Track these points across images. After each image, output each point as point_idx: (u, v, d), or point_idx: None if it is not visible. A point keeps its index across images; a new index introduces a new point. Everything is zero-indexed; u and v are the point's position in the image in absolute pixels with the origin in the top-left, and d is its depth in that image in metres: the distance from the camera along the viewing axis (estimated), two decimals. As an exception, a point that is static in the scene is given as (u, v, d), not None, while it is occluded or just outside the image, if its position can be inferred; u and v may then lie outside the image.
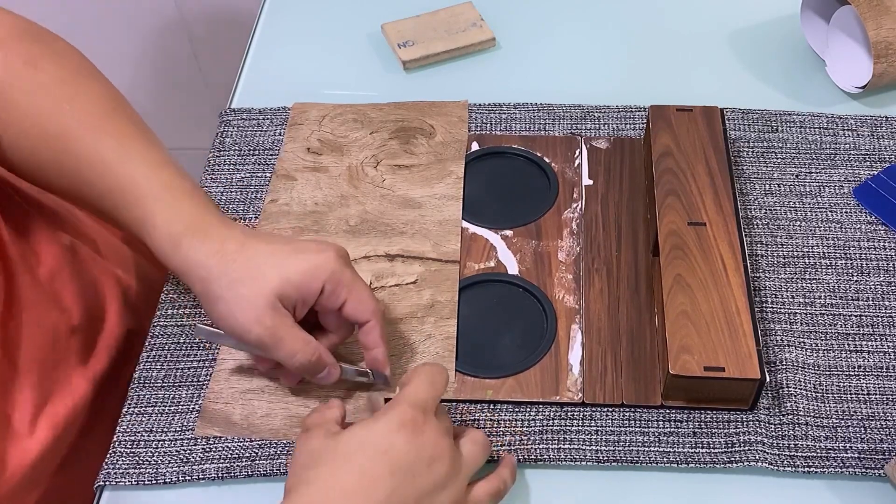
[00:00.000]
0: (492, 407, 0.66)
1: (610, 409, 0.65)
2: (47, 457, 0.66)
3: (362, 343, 0.64)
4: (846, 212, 0.76)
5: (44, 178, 0.67)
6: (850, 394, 0.66)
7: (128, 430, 0.65)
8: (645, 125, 0.82)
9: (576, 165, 0.80)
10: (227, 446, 0.64)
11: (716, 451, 0.63)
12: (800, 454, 0.63)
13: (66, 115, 0.64)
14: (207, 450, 0.64)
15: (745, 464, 0.62)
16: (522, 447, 0.63)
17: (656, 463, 0.63)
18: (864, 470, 0.62)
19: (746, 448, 0.62)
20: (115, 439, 0.65)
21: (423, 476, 0.55)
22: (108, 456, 0.64)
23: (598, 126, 0.83)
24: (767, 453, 0.62)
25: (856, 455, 0.63)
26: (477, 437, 0.60)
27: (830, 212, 0.76)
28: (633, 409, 0.65)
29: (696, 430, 0.64)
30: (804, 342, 0.68)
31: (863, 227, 0.75)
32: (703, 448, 0.63)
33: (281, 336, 0.60)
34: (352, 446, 0.56)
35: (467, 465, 0.58)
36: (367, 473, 0.54)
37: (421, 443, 0.56)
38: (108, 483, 0.63)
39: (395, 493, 0.54)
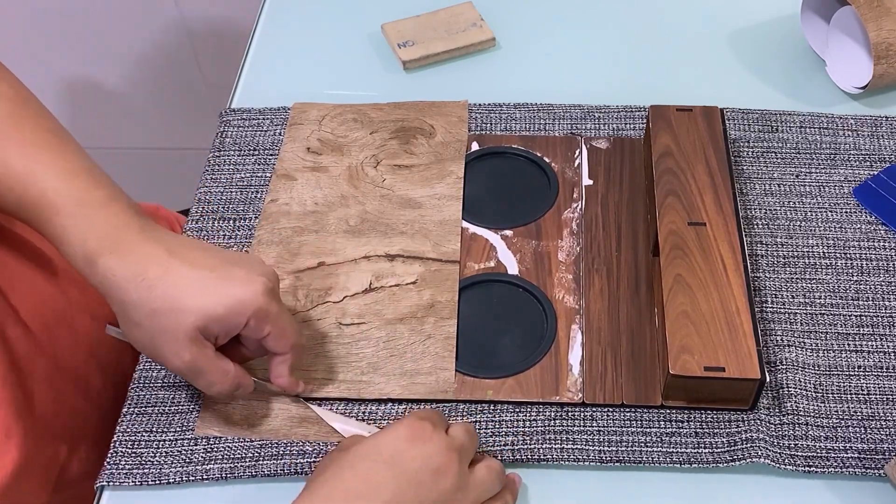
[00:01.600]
0: (493, 407, 0.66)
1: (611, 410, 0.65)
2: None
3: (271, 369, 0.63)
4: (846, 212, 0.76)
5: None
6: (850, 394, 0.66)
7: (128, 430, 0.65)
8: (645, 125, 0.82)
9: (576, 165, 0.80)
10: (230, 446, 0.64)
11: (718, 450, 0.63)
12: (800, 453, 0.63)
13: None
14: (209, 450, 0.64)
15: (748, 461, 0.62)
16: (525, 447, 0.63)
17: (659, 463, 0.63)
18: (864, 470, 0.62)
19: (748, 445, 0.62)
20: (115, 439, 0.65)
21: (428, 486, 0.55)
22: (110, 456, 0.64)
23: (598, 126, 0.83)
24: (769, 451, 0.62)
25: (856, 455, 0.63)
26: (493, 464, 0.59)
27: (830, 212, 0.76)
28: (634, 410, 0.65)
29: (698, 429, 0.64)
30: (804, 342, 0.68)
31: (863, 227, 0.75)
32: (705, 448, 0.63)
33: (200, 369, 0.58)
34: (358, 454, 0.56)
35: (477, 487, 0.58)
36: (371, 478, 0.54)
37: (427, 452, 0.56)
38: (110, 483, 0.63)
39: (398, 499, 0.54)
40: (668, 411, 0.65)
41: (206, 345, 0.58)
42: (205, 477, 0.62)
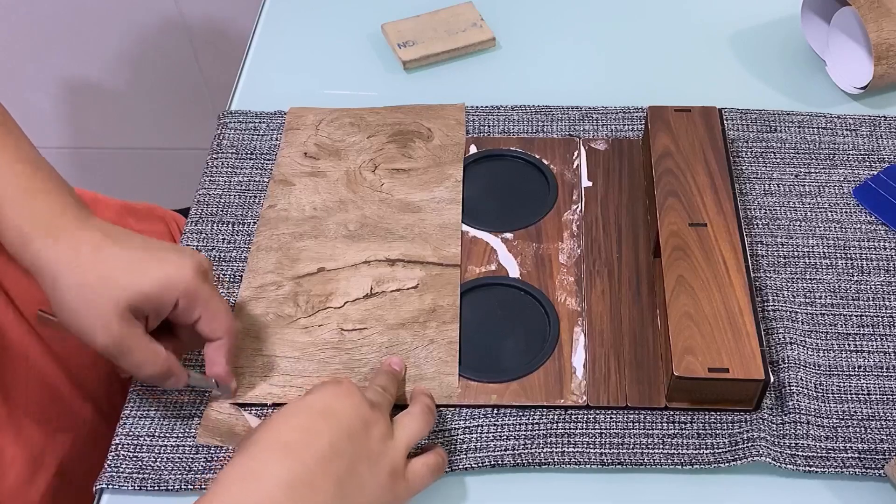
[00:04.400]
0: (495, 411, 0.66)
1: (614, 412, 0.65)
2: None
3: (206, 356, 0.63)
4: (846, 212, 0.76)
5: None
6: (851, 394, 0.66)
7: (130, 432, 0.65)
8: (643, 126, 0.82)
9: (574, 167, 0.80)
10: (231, 456, 0.64)
11: (719, 451, 0.63)
12: (801, 453, 0.63)
13: None
14: (210, 459, 0.64)
15: (748, 460, 0.62)
16: (526, 451, 0.63)
17: (660, 465, 0.63)
18: (864, 470, 0.62)
19: (749, 444, 0.63)
20: (116, 441, 0.65)
21: (360, 435, 0.56)
22: (110, 458, 0.64)
23: (596, 127, 0.83)
24: (770, 449, 0.62)
25: (856, 455, 0.63)
26: (414, 411, 0.60)
27: (830, 212, 0.76)
28: (637, 412, 0.65)
29: (700, 430, 0.64)
30: (805, 341, 0.68)
31: (863, 227, 0.75)
32: (706, 449, 0.63)
33: (129, 346, 0.58)
34: (290, 409, 0.56)
35: (406, 434, 0.58)
36: (307, 428, 0.55)
37: (357, 404, 0.57)
38: (109, 486, 0.63)
39: (335, 447, 0.54)
40: (671, 413, 0.65)
41: (136, 323, 0.58)
42: (205, 486, 0.62)
